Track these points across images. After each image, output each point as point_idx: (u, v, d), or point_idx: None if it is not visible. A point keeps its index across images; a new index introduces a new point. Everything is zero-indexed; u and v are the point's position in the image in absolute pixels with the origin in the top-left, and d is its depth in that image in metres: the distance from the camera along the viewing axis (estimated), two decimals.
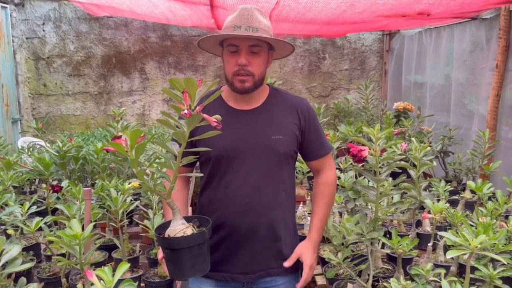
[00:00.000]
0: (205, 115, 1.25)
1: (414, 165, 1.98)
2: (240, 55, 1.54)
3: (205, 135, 1.30)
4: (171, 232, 1.37)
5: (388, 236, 2.26)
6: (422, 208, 2.56)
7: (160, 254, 1.51)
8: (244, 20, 1.53)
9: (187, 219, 1.45)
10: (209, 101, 1.29)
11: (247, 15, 1.54)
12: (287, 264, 1.65)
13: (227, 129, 1.60)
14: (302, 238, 2.39)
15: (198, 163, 1.72)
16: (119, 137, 1.22)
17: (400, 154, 1.78)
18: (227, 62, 1.59)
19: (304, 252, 1.66)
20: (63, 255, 1.94)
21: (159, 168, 1.37)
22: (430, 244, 1.98)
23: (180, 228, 1.36)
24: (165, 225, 1.44)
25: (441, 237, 1.97)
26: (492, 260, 1.60)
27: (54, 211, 2.61)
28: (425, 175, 3.40)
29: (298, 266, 1.79)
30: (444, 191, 2.37)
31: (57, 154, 2.69)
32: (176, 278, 1.52)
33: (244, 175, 1.60)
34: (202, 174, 1.59)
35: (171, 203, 1.36)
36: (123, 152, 1.20)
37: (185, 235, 1.35)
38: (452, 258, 1.71)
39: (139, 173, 1.26)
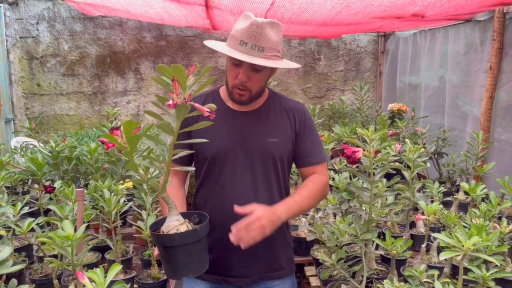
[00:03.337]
0: (196, 105, 1.18)
1: (408, 167, 1.99)
2: (241, 71, 1.53)
3: (196, 126, 1.23)
4: (165, 228, 1.31)
5: (382, 237, 2.27)
6: (416, 209, 2.56)
7: (156, 251, 1.46)
8: (252, 38, 1.48)
9: (186, 215, 1.40)
10: (201, 89, 1.23)
11: (255, 32, 1.48)
12: (240, 210, 1.45)
13: (224, 129, 1.60)
14: (296, 240, 2.41)
15: (193, 163, 1.71)
16: (118, 127, 1.17)
17: (394, 156, 1.78)
18: (229, 71, 1.58)
19: (259, 207, 1.45)
20: (55, 256, 1.92)
21: (152, 162, 1.29)
22: (423, 246, 1.98)
23: (174, 224, 1.30)
24: (163, 221, 1.38)
25: (435, 238, 1.97)
26: (485, 262, 1.60)
27: (47, 212, 2.59)
28: (419, 176, 3.41)
29: (294, 269, 1.78)
30: (438, 192, 2.38)
31: (50, 154, 2.67)
32: (170, 277, 1.48)
33: (240, 177, 1.60)
34: (193, 168, 1.53)
35: (166, 197, 1.30)
36: (117, 143, 1.15)
37: (178, 232, 1.28)
38: (445, 259, 1.72)
39: (131, 165, 1.19)
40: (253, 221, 1.41)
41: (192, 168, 1.50)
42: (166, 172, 1.26)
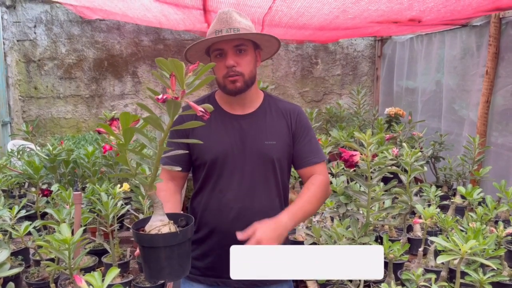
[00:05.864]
0: (191, 103, 1.11)
1: (405, 170, 1.99)
2: (227, 57, 1.55)
3: (186, 125, 1.15)
4: (148, 227, 1.24)
5: (379, 241, 2.27)
6: (413, 213, 2.57)
7: (137, 250, 1.41)
8: (224, 23, 1.53)
9: (173, 216, 1.33)
10: (198, 87, 1.15)
11: (225, 18, 1.54)
12: (240, 236, 1.42)
13: (222, 133, 1.61)
14: (295, 243, 2.40)
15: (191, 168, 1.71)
16: (117, 119, 1.15)
17: (391, 159, 1.79)
18: (216, 67, 1.59)
19: (260, 227, 1.43)
20: (52, 260, 1.92)
21: (143, 158, 1.21)
22: (420, 249, 1.98)
23: (156, 225, 1.24)
24: (149, 220, 1.30)
25: (432, 242, 1.97)
26: (482, 265, 1.60)
27: (44, 215, 2.58)
28: (416, 180, 3.41)
29: None
30: (435, 196, 2.39)
31: (47, 157, 2.66)
32: (147, 279, 1.43)
33: (238, 180, 1.60)
34: (180, 168, 1.35)
35: (152, 195, 1.24)
36: (113, 134, 1.12)
37: (159, 233, 1.22)
38: (442, 263, 1.72)
39: (121, 158, 1.15)
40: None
41: (178, 168, 1.33)
42: (154, 170, 1.21)
